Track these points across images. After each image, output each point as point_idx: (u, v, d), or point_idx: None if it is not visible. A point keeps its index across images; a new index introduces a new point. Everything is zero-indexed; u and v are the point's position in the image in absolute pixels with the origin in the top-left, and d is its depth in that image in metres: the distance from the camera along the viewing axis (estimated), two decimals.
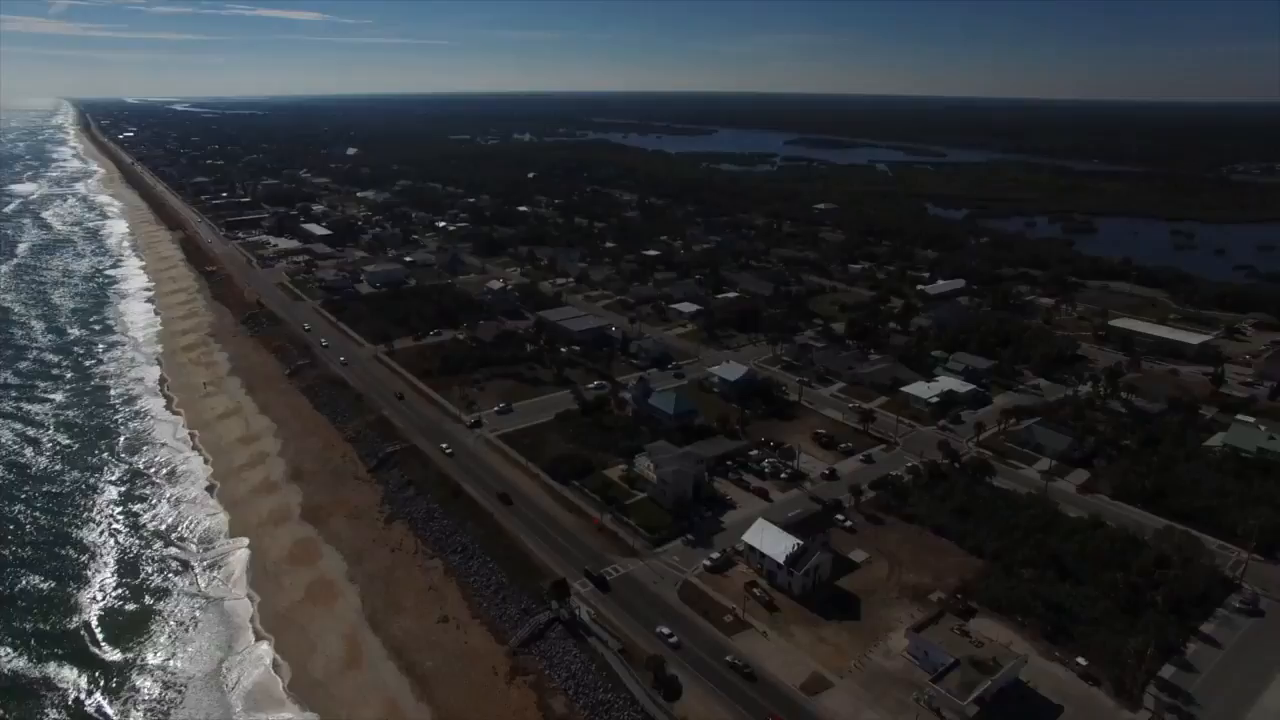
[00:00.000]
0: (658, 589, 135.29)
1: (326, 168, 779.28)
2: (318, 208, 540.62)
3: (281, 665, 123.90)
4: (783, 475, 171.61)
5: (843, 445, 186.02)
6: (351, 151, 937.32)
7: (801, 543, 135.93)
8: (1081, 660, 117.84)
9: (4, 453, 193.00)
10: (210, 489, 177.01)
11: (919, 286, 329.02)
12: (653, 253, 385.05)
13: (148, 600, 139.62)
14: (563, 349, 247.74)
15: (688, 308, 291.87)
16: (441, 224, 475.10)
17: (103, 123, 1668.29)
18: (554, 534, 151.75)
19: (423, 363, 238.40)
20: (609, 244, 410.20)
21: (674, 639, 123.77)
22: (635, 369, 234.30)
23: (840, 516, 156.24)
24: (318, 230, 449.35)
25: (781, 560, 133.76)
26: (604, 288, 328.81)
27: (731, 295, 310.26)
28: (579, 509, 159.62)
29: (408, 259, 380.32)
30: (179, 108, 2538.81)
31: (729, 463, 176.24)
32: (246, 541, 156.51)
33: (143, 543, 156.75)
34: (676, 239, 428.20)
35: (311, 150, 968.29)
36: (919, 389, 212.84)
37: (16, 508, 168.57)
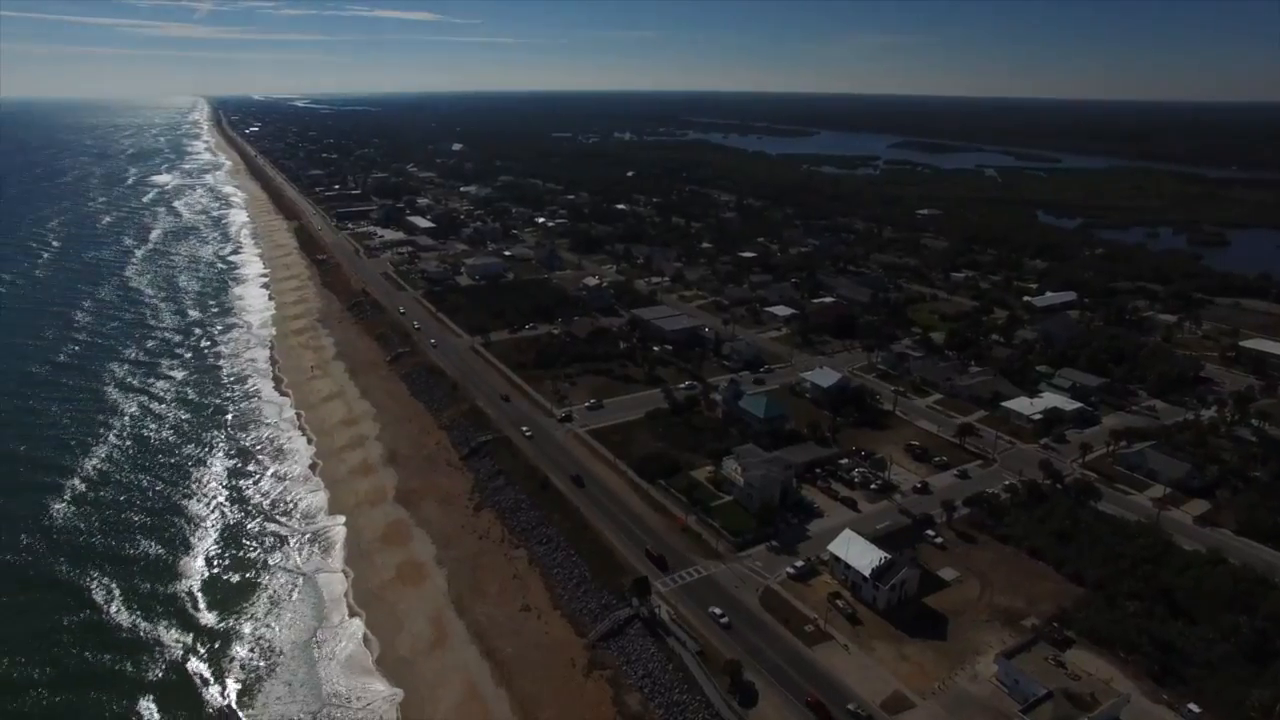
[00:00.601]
0: (739, 593, 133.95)
1: (433, 163, 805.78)
2: (423, 201, 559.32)
3: (371, 640, 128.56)
4: (873, 486, 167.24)
5: (937, 459, 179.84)
6: (457, 147, 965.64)
7: (889, 556, 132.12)
8: (1194, 707, 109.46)
9: (128, 425, 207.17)
10: (313, 467, 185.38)
11: (1026, 298, 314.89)
12: (749, 254, 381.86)
13: (250, 570, 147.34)
14: (655, 348, 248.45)
15: (782, 311, 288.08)
16: (541, 220, 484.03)
17: (232, 118, 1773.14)
18: (638, 531, 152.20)
19: (517, 355, 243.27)
20: (705, 244, 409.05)
21: (725, 619, 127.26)
22: (727, 371, 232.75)
23: (931, 532, 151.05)
24: (422, 223, 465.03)
25: (867, 573, 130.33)
26: (699, 288, 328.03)
27: (828, 300, 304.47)
28: (664, 508, 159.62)
29: (507, 253, 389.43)
30: (299, 104, 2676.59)
31: (818, 470, 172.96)
32: (343, 519, 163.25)
33: (248, 515, 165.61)
34: (773, 241, 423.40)
35: (419, 146, 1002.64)
36: (1021, 405, 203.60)
37: (137, 476, 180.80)
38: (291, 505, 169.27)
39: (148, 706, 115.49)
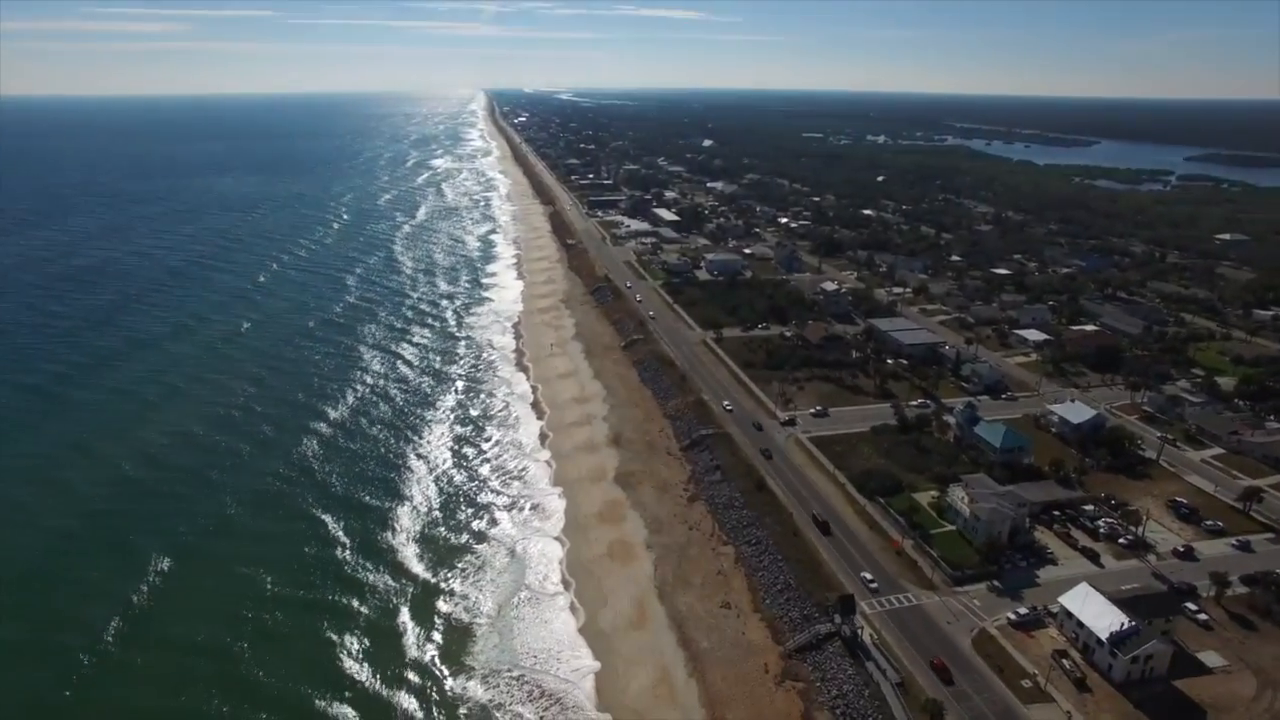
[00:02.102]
0: (950, 630, 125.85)
1: (682, 157, 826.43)
2: (669, 194, 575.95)
3: (578, 609, 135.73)
4: (1121, 540, 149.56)
5: (1209, 523, 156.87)
6: (707, 143, 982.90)
7: (1134, 622, 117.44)
8: None
9: (377, 385, 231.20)
10: (542, 439, 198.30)
11: None
12: (1002, 271, 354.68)
13: (473, 529, 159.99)
14: (889, 360, 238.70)
15: (1034, 335, 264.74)
16: (784, 220, 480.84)
17: (504, 109, 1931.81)
18: (850, 547, 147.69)
19: (747, 354, 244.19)
20: (954, 257, 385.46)
21: (874, 584, 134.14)
22: (964, 392, 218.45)
23: (1193, 606, 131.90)
24: (667, 215, 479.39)
25: (1104, 636, 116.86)
26: (942, 302, 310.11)
27: (1089, 328, 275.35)
28: (880, 528, 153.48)
29: (747, 251, 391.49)
30: (564, 97, 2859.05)
31: (1056, 513, 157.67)
32: (564, 492, 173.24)
33: (478, 477, 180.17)
34: (1032, 259, 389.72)
35: (671, 140, 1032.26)
36: None
37: (380, 429, 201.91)
38: (519, 472, 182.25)
39: (362, 641, 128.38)
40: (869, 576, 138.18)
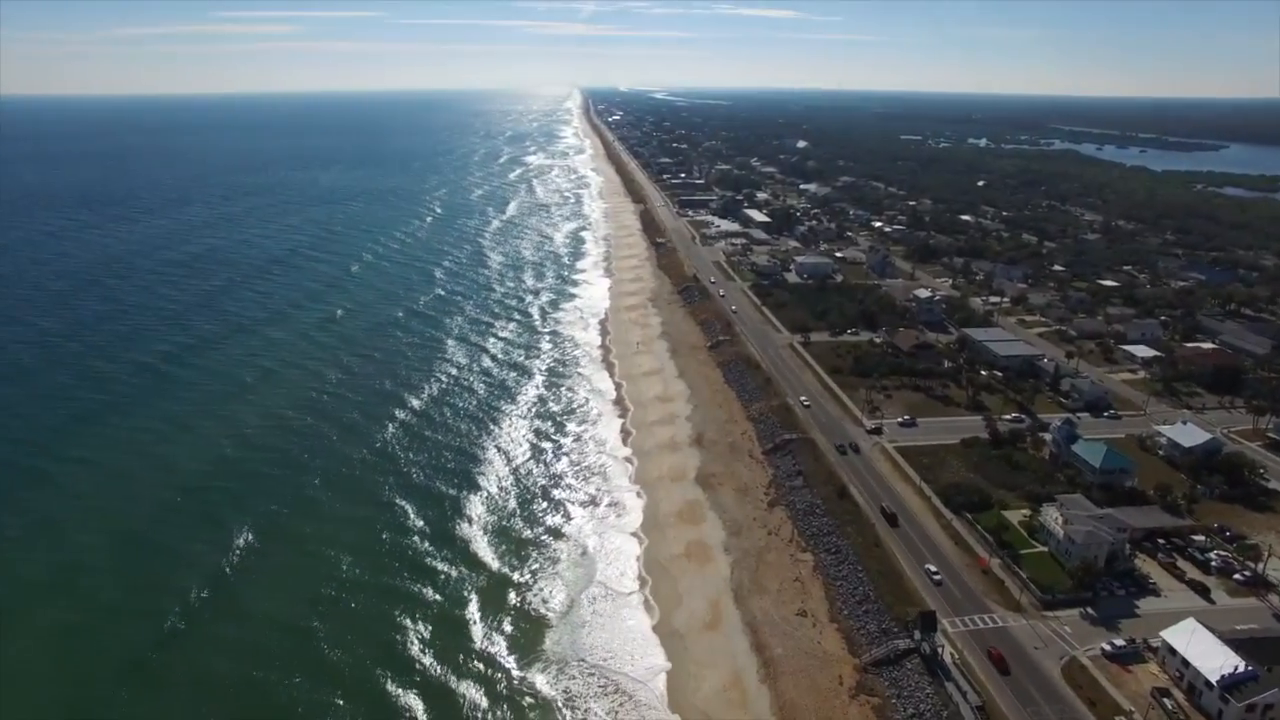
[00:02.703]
0: (1038, 656, 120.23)
1: (775, 158, 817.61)
2: (761, 195, 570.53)
3: (652, 608, 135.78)
4: (1236, 576, 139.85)
5: None
6: (801, 144, 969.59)
7: (1250, 668, 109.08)
8: None
9: (462, 377, 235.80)
10: (624, 436, 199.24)
11: None
12: (1110, 283, 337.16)
13: (552, 521, 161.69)
14: (983, 372, 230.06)
15: (1143, 351, 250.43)
16: (877, 224, 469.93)
17: (598, 108, 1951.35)
18: (933, 563, 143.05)
19: (834, 359, 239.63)
20: (1057, 267, 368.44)
21: (938, 576, 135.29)
22: (1063, 409, 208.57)
23: None
24: (758, 216, 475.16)
25: (1214, 679, 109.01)
26: (1043, 314, 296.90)
27: (1206, 346, 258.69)
28: (966, 544, 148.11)
29: (838, 254, 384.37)
30: (657, 96, 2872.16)
31: (1161, 541, 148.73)
32: (643, 489, 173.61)
33: (559, 471, 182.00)
34: (1143, 271, 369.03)
35: (765, 141, 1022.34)
36: None
37: (460, 422, 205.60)
38: (599, 468, 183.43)
39: (434, 627, 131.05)
40: (933, 568, 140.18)
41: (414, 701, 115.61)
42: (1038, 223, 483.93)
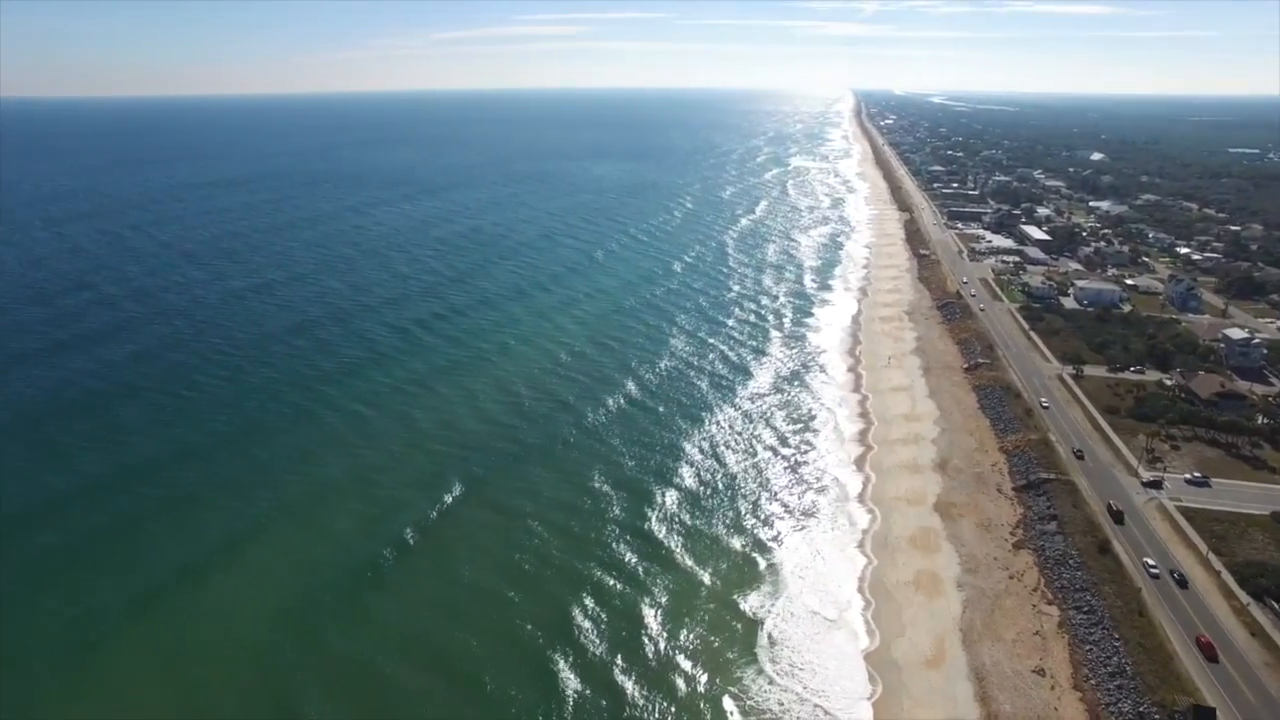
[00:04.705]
0: None
1: (1064, 171, 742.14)
2: (1042, 211, 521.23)
3: (873, 631, 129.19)
4: None
5: None
6: (1096, 156, 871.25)
7: None
8: None
9: (694, 373, 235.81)
10: (864, 451, 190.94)
11: None
12: None
13: (778, 529, 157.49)
14: None
15: None
16: (1184, 250, 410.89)
17: (871, 111, 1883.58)
18: (1216, 646, 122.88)
19: (1111, 398, 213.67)
20: None
21: (1155, 569, 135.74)
22: None
23: None
24: (1036, 234, 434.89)
25: None
26: None
27: None
28: (1265, 634, 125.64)
29: (1129, 281, 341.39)
30: (935, 100, 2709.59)
31: None
32: (876, 508, 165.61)
33: (791, 478, 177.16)
34: None
35: (1052, 151, 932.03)
36: None
37: (685, 421, 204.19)
38: (832, 481, 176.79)
39: (630, 622, 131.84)
40: (1151, 562, 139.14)
41: (588, 692, 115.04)
42: None
